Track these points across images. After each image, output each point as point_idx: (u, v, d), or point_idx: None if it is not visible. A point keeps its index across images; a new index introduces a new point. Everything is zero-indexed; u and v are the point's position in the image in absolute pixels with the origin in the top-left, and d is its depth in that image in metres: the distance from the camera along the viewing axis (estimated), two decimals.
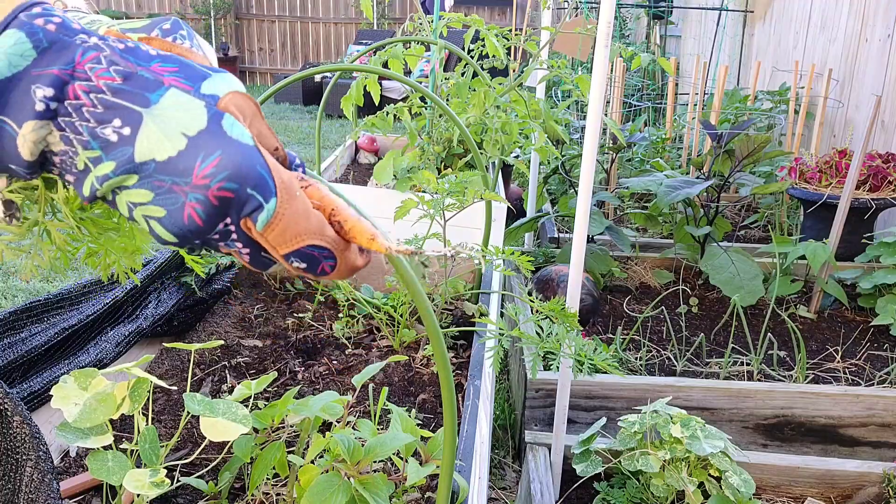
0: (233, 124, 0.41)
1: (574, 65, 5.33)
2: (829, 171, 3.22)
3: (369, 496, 0.75)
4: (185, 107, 0.41)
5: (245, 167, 0.40)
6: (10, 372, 1.08)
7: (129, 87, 0.41)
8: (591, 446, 1.78)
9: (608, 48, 1.52)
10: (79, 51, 0.41)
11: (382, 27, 11.14)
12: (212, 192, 0.40)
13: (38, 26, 0.40)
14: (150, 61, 0.42)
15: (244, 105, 0.44)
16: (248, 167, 0.41)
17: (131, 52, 0.42)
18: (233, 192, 0.40)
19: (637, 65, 2.87)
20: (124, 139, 0.40)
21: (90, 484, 0.94)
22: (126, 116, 0.40)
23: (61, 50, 0.40)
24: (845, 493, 1.84)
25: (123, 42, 0.43)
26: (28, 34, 0.40)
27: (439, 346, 0.60)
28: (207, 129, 0.40)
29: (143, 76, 0.41)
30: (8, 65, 0.39)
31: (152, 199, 0.41)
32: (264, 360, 1.37)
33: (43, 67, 0.40)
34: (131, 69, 0.41)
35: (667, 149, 4.55)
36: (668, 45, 7.44)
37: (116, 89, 0.40)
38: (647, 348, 2.59)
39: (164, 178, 0.40)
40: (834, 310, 2.93)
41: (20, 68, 0.39)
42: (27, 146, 0.41)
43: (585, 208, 1.64)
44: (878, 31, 3.69)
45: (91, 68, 0.40)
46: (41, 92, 0.39)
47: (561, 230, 3.68)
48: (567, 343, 1.17)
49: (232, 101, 0.42)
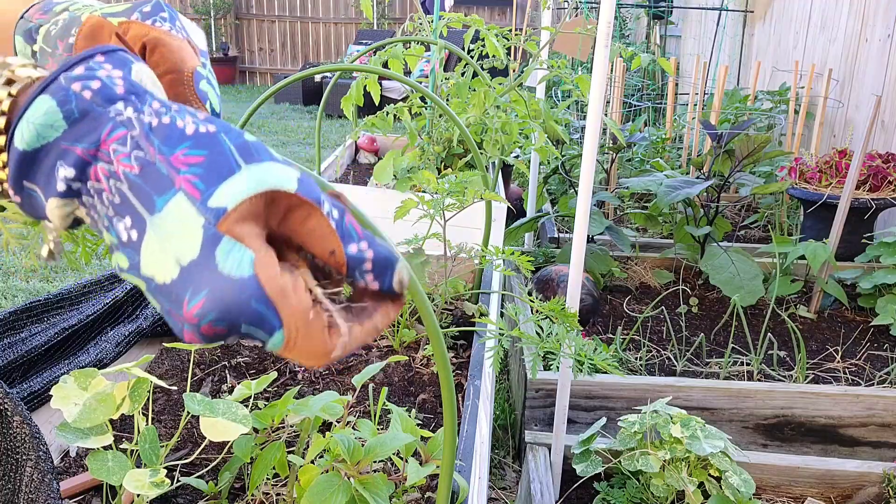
0: (228, 253, 0.35)
1: (574, 65, 5.33)
2: (829, 171, 3.22)
3: (369, 496, 0.75)
4: (184, 224, 0.36)
5: (235, 307, 0.35)
6: (10, 372, 1.08)
7: (143, 181, 0.37)
8: (591, 446, 1.78)
9: (608, 48, 1.52)
10: (108, 126, 0.38)
11: (382, 27, 11.14)
12: (204, 329, 0.36)
13: (72, 93, 0.38)
14: (177, 146, 0.37)
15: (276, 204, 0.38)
16: (239, 306, 0.35)
17: (162, 131, 0.38)
18: (226, 329, 0.36)
19: (637, 65, 2.87)
20: (133, 244, 0.37)
21: (90, 484, 0.94)
22: (135, 218, 0.37)
23: (92, 123, 0.38)
24: (845, 493, 1.84)
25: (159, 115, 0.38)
26: (60, 103, 0.38)
27: (439, 346, 0.60)
28: (198, 261, 0.36)
29: (159, 170, 0.37)
30: (37, 136, 0.38)
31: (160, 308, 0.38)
32: (264, 360, 1.37)
33: (71, 142, 0.38)
34: (151, 157, 0.37)
35: (667, 149, 4.55)
36: (668, 45, 7.44)
37: (132, 182, 0.37)
38: (647, 348, 2.59)
39: (162, 299, 0.37)
40: (834, 310, 2.93)
41: (50, 139, 0.38)
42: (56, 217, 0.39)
43: (585, 208, 1.64)
44: (878, 31, 3.69)
45: (115, 150, 0.37)
46: (63, 172, 0.38)
47: (561, 230, 3.68)
48: (567, 343, 1.17)
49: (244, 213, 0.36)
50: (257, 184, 0.37)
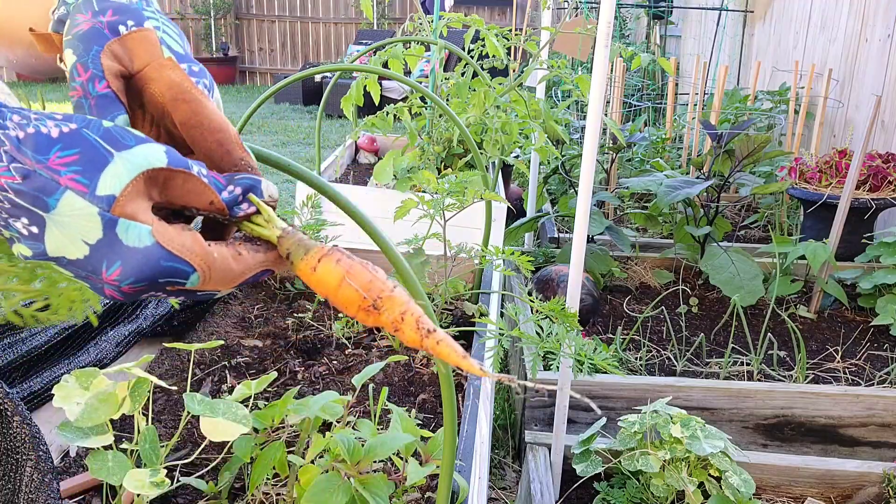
0: (127, 228, 0.41)
1: (574, 65, 5.34)
2: (829, 171, 3.22)
3: (369, 496, 0.75)
4: (81, 214, 0.41)
5: (147, 268, 0.42)
6: (10, 372, 1.08)
7: (28, 188, 0.41)
8: (591, 446, 1.78)
9: (608, 48, 1.52)
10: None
11: (382, 27, 11.14)
12: (125, 289, 0.42)
13: None
14: (49, 151, 0.41)
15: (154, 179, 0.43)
16: (151, 268, 0.42)
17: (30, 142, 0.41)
18: (145, 285, 0.42)
19: (637, 65, 2.87)
20: (34, 235, 0.41)
21: (90, 484, 0.94)
22: (31, 217, 0.41)
23: None
24: (845, 493, 1.84)
25: (23, 127, 0.42)
26: None
27: None
28: (104, 239, 0.41)
29: (41, 175, 0.41)
30: None
31: (74, 277, 0.43)
32: (264, 360, 1.37)
33: None
34: (29, 167, 0.41)
35: (667, 149, 4.56)
36: (668, 45, 7.44)
37: (17, 190, 0.41)
38: (647, 348, 2.59)
39: (78, 270, 0.42)
40: (834, 310, 2.93)
41: None
42: None
43: (585, 208, 1.65)
44: (878, 31, 3.69)
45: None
46: None
47: (561, 230, 3.68)
48: (567, 343, 1.17)
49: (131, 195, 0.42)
50: (134, 167, 0.42)
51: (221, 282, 0.45)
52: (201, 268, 0.43)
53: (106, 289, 0.42)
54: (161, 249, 0.42)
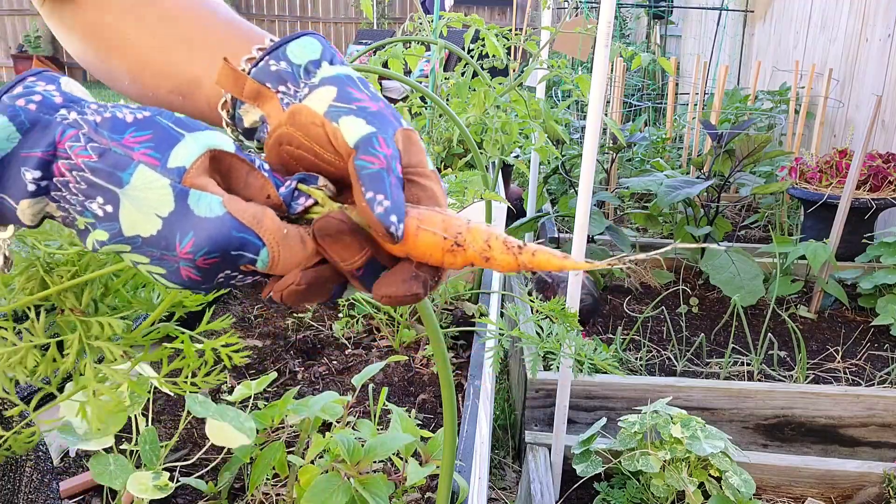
0: (199, 199, 0.42)
1: (574, 65, 5.33)
2: (830, 171, 3.22)
3: (369, 496, 0.75)
4: (153, 187, 0.42)
5: (220, 239, 0.42)
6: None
7: (104, 165, 0.42)
8: (591, 446, 1.78)
9: (608, 48, 1.52)
10: (59, 130, 0.43)
11: (382, 27, 11.14)
12: (199, 262, 0.43)
13: (19, 108, 0.43)
14: (124, 132, 0.43)
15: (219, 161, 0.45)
16: (224, 238, 0.42)
17: (107, 124, 0.43)
18: (218, 258, 0.43)
19: (637, 64, 2.87)
20: (109, 215, 0.43)
21: (90, 484, 0.94)
22: (106, 195, 0.42)
23: (43, 129, 0.43)
24: (845, 493, 1.84)
25: (101, 112, 0.44)
26: (10, 117, 0.42)
27: (439, 346, 0.60)
28: (176, 210, 0.42)
29: (115, 153, 0.43)
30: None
31: (150, 262, 0.43)
32: (264, 360, 1.37)
33: (29, 149, 0.42)
34: (105, 145, 0.43)
35: (667, 149, 4.55)
36: (669, 45, 7.44)
37: (93, 168, 0.42)
38: (648, 348, 2.59)
39: (152, 249, 0.43)
40: (834, 310, 2.93)
41: (8, 150, 0.42)
42: (27, 217, 0.44)
43: (585, 208, 1.64)
44: (879, 31, 3.69)
45: (70, 146, 0.43)
46: (29, 175, 0.42)
47: (561, 230, 3.68)
48: (567, 343, 1.17)
49: (200, 170, 0.43)
50: (203, 145, 0.44)
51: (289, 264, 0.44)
52: (270, 244, 0.43)
53: (182, 268, 0.43)
54: (232, 219, 0.43)
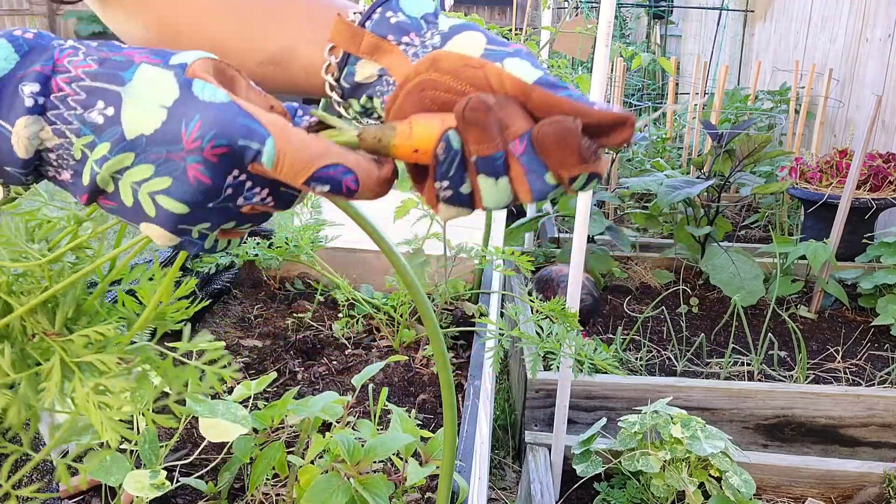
0: (203, 87, 0.43)
1: (574, 64, 5.33)
2: (830, 171, 3.22)
3: (369, 496, 0.75)
4: (157, 79, 0.43)
5: (226, 122, 0.42)
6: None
7: (104, 69, 0.43)
8: (591, 446, 1.78)
9: (608, 48, 1.51)
10: (56, 50, 0.44)
11: None
12: (207, 153, 0.41)
13: (17, 35, 0.44)
14: (121, 48, 0.45)
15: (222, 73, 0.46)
16: (230, 121, 0.42)
17: (105, 45, 0.45)
18: (226, 146, 0.42)
19: (637, 64, 2.87)
20: (110, 119, 0.42)
21: (90, 484, 0.94)
22: (107, 97, 0.42)
23: (41, 51, 0.43)
24: (846, 493, 1.84)
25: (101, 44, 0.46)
26: (9, 40, 0.43)
27: (439, 347, 0.60)
28: (181, 98, 0.42)
29: (116, 59, 0.44)
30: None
31: (154, 172, 0.42)
32: (264, 360, 1.36)
33: (26, 67, 0.43)
34: (104, 55, 0.44)
35: (667, 148, 4.55)
36: (669, 45, 7.44)
37: (94, 74, 0.43)
38: (648, 348, 2.59)
39: (157, 149, 0.42)
40: (834, 310, 2.93)
41: (6, 71, 0.42)
42: (21, 143, 0.42)
43: (585, 208, 1.64)
44: (879, 31, 3.69)
45: (69, 60, 0.43)
46: (28, 88, 0.42)
47: (561, 230, 3.68)
48: (567, 343, 1.17)
49: (201, 67, 0.44)
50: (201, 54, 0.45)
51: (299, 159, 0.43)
52: (276, 134, 0.43)
53: (189, 168, 0.42)
54: (237, 107, 0.42)
